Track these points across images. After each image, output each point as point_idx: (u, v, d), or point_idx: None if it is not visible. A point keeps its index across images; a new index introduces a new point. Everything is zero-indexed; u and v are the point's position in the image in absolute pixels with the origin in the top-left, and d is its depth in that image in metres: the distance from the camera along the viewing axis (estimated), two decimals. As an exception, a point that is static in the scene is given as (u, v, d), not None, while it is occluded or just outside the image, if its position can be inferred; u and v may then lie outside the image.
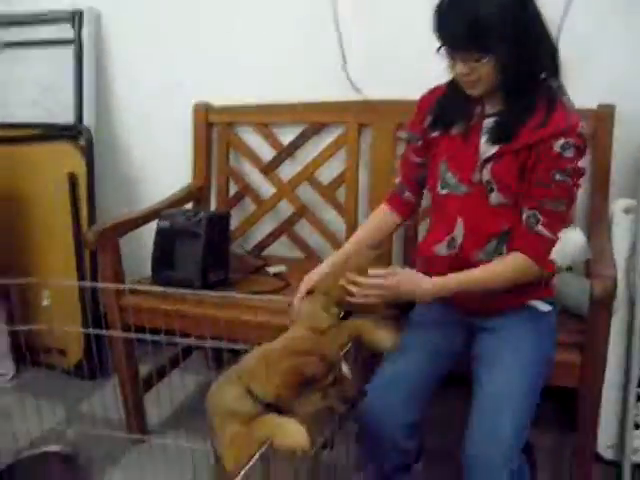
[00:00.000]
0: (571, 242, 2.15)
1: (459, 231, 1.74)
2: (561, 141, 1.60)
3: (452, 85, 1.75)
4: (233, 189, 2.79)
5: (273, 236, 2.75)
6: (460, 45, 1.58)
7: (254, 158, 2.72)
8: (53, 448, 2.38)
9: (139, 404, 2.46)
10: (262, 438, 1.36)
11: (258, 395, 1.41)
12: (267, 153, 2.70)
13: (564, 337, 1.86)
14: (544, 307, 1.79)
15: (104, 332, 2.29)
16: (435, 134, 1.81)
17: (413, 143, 1.91)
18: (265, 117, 2.66)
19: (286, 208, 2.72)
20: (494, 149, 1.68)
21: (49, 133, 2.87)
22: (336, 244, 2.61)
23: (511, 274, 1.68)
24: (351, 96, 2.53)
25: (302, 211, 2.67)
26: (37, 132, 2.90)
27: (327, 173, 2.61)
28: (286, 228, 2.71)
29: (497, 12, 1.52)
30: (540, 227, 1.65)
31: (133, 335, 2.22)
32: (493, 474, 1.52)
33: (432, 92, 1.86)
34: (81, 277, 2.83)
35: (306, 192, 2.67)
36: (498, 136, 1.68)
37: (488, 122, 1.70)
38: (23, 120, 2.97)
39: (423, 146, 1.88)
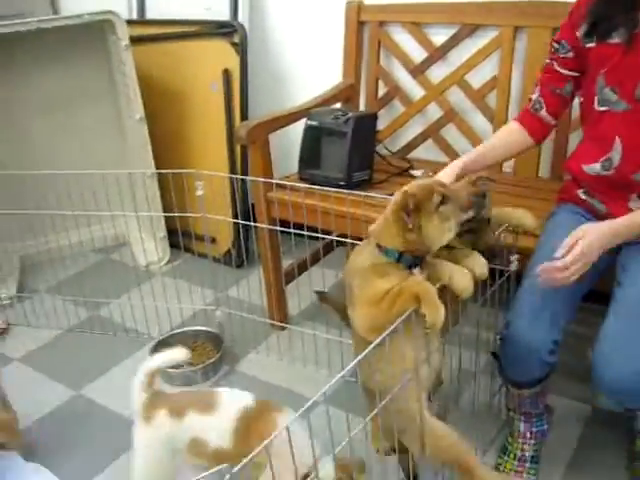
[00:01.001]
0: None
1: (616, 151, 1.65)
2: None
3: None
4: (382, 90, 2.77)
5: (420, 139, 2.72)
6: None
7: (405, 59, 2.67)
8: (202, 327, 2.60)
9: (281, 294, 2.59)
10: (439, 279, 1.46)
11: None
12: (418, 54, 2.64)
13: None
14: None
15: (250, 223, 2.41)
16: (591, 44, 1.65)
17: (562, 54, 1.75)
18: (417, 16, 2.59)
19: (434, 111, 2.67)
20: None
21: (205, 30, 2.95)
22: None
23: None
24: (509, -4, 2.41)
25: (450, 115, 2.62)
26: (193, 29, 2.99)
27: (479, 77, 2.53)
28: (433, 131, 2.68)
29: None
30: None
31: (278, 228, 2.32)
32: (623, 385, 1.48)
33: None
34: (233, 170, 2.96)
35: (456, 96, 2.60)
36: None
37: None
38: (180, 17, 3.07)
39: (574, 57, 1.73)
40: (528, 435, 1.88)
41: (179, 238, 2.62)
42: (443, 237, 1.50)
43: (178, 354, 1.73)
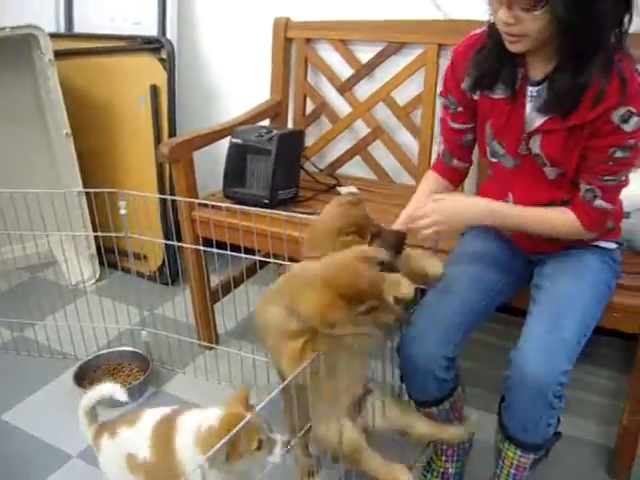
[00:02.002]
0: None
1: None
2: (621, 110, 1.39)
3: (490, 34, 1.51)
4: (310, 107, 2.77)
5: (347, 156, 2.73)
6: None
7: (332, 76, 2.67)
8: (128, 348, 2.55)
9: (208, 313, 2.56)
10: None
11: (302, 316, 1.41)
12: (345, 71, 2.65)
13: (629, 281, 1.80)
14: (609, 245, 1.73)
15: (173, 242, 2.39)
16: (476, 97, 1.63)
17: (451, 109, 1.71)
18: (344, 34, 2.59)
19: (362, 128, 2.68)
20: (542, 120, 1.51)
21: (133, 45, 2.92)
22: (409, 167, 2.58)
23: (560, 229, 1.62)
24: (433, 15, 2.43)
25: (377, 132, 2.63)
26: (121, 44, 2.96)
27: (404, 94, 2.55)
28: (360, 148, 2.69)
29: None
30: (599, 201, 1.54)
31: (200, 247, 2.30)
32: (547, 381, 1.47)
33: (467, 44, 1.62)
34: (162, 186, 2.93)
35: (383, 113, 2.61)
36: (548, 109, 1.48)
37: (534, 90, 1.52)
38: (109, 31, 3.03)
39: (464, 111, 1.69)
40: (450, 453, 1.88)
41: (110, 256, 2.56)
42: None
43: (112, 391, 1.74)
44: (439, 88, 2.38)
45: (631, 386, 1.86)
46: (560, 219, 1.61)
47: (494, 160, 1.69)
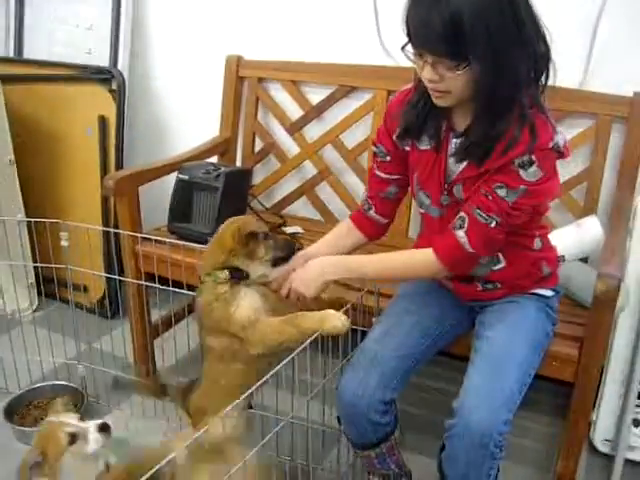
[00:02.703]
0: (589, 233, 2.12)
1: None
2: (524, 158, 1.44)
3: (418, 88, 1.56)
4: (259, 145, 2.79)
5: (294, 195, 2.75)
6: (430, 46, 1.37)
7: (282, 116, 2.70)
8: (63, 382, 2.49)
9: (148, 348, 2.53)
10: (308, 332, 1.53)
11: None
12: (295, 112, 2.68)
13: (565, 329, 1.86)
14: (547, 292, 1.77)
15: (115, 276, 2.35)
16: (407, 147, 1.67)
17: (380, 158, 1.74)
18: (295, 75, 2.63)
19: (309, 168, 2.71)
20: (461, 168, 1.57)
21: (82, 74, 2.90)
22: (355, 208, 2.58)
23: (417, 269, 1.67)
24: (383, 61, 2.48)
25: (325, 173, 2.66)
26: (71, 72, 2.93)
27: (353, 137, 2.59)
28: (308, 189, 2.71)
29: (481, 13, 1.30)
30: (460, 232, 1.54)
31: (142, 282, 2.28)
32: (490, 431, 1.47)
33: (400, 98, 1.67)
34: (106, 218, 2.89)
35: (331, 154, 2.65)
36: (465, 156, 1.53)
37: (456, 142, 1.57)
38: (61, 59, 3.00)
39: (391, 161, 1.73)
40: None
41: (50, 285, 2.51)
42: (261, 265, 1.69)
43: None
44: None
45: (565, 432, 1.90)
46: (420, 259, 1.65)
47: (422, 210, 1.74)
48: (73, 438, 1.46)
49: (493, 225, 1.52)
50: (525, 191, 1.47)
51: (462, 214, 1.55)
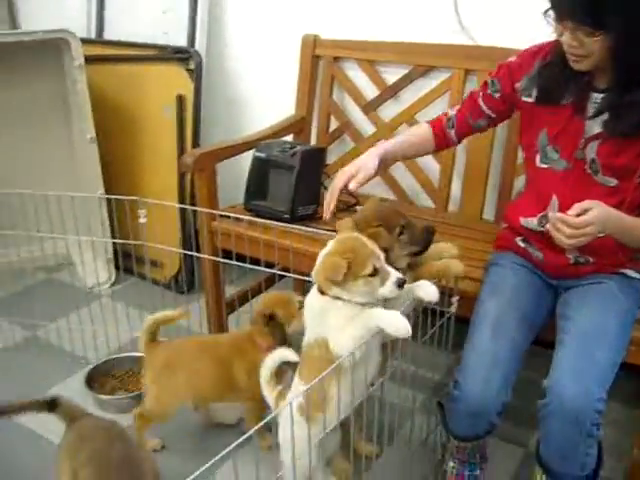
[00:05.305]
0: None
1: (553, 209, 1.69)
2: None
3: (557, 50, 1.61)
4: (334, 124, 2.78)
5: (368, 175, 2.74)
6: (571, 14, 1.44)
7: (357, 95, 2.69)
8: (138, 354, 2.55)
9: (223, 324, 2.57)
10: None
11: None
12: (370, 91, 2.67)
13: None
14: (635, 274, 1.74)
15: (192, 253, 2.40)
16: (527, 99, 1.71)
17: (490, 91, 1.82)
18: (371, 54, 2.61)
19: (384, 148, 2.69)
20: (599, 128, 1.59)
21: (161, 54, 2.95)
22: (429, 189, 2.59)
23: None
24: (461, 40, 2.44)
25: (400, 153, 2.64)
26: (150, 52, 2.99)
27: (429, 117, 2.53)
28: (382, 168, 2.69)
29: None
30: None
31: (219, 259, 2.31)
32: (585, 408, 1.47)
33: (536, 52, 1.73)
34: (182, 195, 2.95)
35: (406, 134, 2.63)
36: (611, 127, 1.57)
37: (598, 97, 1.60)
38: (138, 40, 3.06)
39: (499, 100, 1.80)
40: (460, 479, 1.88)
41: (127, 261, 2.57)
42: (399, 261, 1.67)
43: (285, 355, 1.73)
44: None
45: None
46: None
47: (543, 166, 1.73)
48: (375, 271, 1.49)
49: None
50: None
51: None
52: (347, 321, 1.52)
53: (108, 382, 2.46)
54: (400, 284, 1.51)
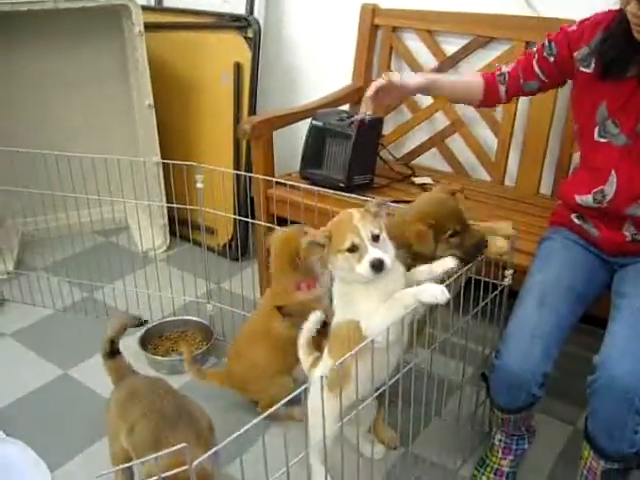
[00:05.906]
0: None
1: (611, 185, 1.66)
2: None
3: (621, 21, 1.56)
4: (391, 95, 2.77)
5: (424, 146, 2.73)
6: None
7: (415, 65, 2.67)
8: (194, 317, 2.61)
9: (275, 290, 2.59)
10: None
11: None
12: (429, 61, 2.65)
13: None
14: None
15: (247, 219, 2.42)
16: (586, 70, 1.67)
17: (546, 53, 1.79)
18: (431, 24, 2.59)
19: (441, 120, 2.67)
20: None
21: (219, 22, 2.96)
22: (486, 162, 2.56)
23: None
24: (522, 12, 2.40)
25: (457, 125, 2.62)
26: (208, 20, 3.00)
27: (487, 89, 2.53)
28: (438, 140, 2.68)
29: None
30: None
31: (274, 226, 2.33)
32: (634, 385, 1.45)
33: (598, 21, 1.68)
34: (238, 163, 2.97)
35: (463, 106, 2.57)
36: None
37: None
38: (197, 7, 3.08)
39: (553, 65, 1.77)
40: (507, 452, 1.88)
41: (181, 227, 2.61)
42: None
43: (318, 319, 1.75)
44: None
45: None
46: None
47: (602, 140, 1.70)
48: (353, 247, 1.47)
49: None
50: None
51: None
52: (378, 304, 1.51)
53: (162, 343, 2.51)
54: (374, 265, 1.45)
